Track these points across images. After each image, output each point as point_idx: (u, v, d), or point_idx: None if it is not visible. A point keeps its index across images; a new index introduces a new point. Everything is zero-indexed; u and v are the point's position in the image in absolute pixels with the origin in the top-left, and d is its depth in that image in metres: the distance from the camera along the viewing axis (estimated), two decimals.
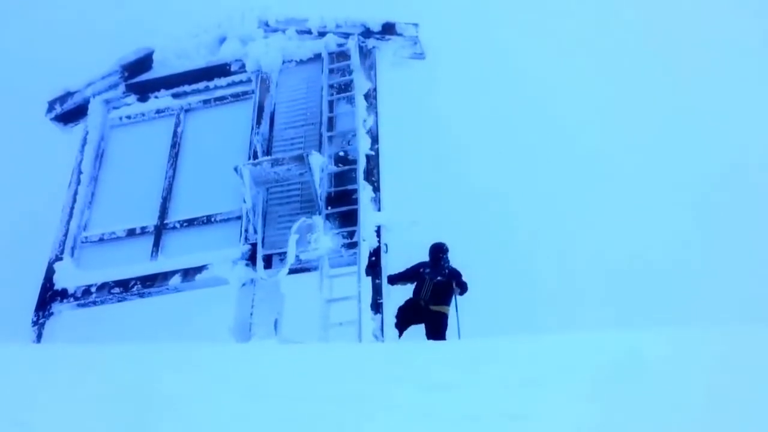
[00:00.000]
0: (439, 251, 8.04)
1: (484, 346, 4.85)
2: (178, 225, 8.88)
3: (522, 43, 27.43)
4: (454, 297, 7.93)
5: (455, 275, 7.96)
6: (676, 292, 20.49)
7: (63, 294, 8.72)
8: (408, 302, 7.92)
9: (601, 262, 22.59)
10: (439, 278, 7.86)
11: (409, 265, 8.16)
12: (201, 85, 9.81)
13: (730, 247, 22.33)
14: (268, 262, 8.12)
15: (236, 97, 9.73)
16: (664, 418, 2.98)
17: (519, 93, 26.35)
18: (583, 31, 27.56)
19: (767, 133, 24.12)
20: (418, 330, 7.89)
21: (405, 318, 7.85)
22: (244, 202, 8.30)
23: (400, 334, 7.81)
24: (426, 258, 8.14)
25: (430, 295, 7.82)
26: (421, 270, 8.01)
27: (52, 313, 8.67)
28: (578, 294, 21.51)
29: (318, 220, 8.02)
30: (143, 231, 8.96)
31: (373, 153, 8.52)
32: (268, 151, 8.83)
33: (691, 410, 3.06)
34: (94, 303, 8.66)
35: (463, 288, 7.94)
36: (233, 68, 9.72)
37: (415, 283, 7.98)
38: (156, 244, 8.80)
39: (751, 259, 21.26)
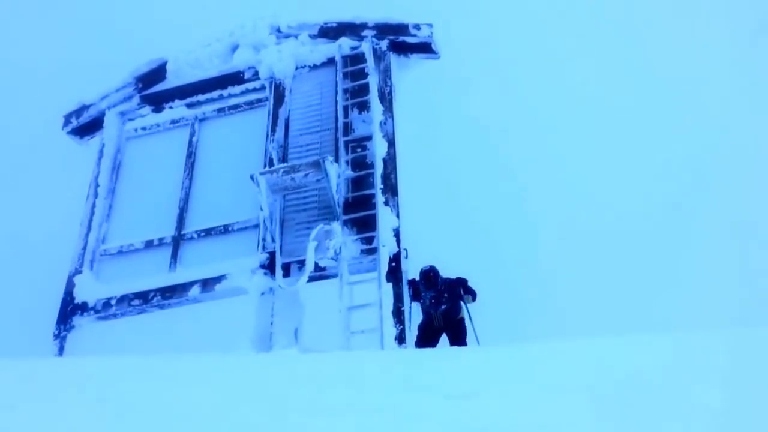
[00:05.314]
0: (428, 277, 7.57)
1: (505, 352, 4.75)
2: (195, 235, 8.86)
3: (537, 43, 27.27)
4: (464, 303, 7.74)
5: (457, 285, 7.69)
6: (677, 294, 20.43)
7: (83, 307, 8.73)
8: (424, 323, 7.75)
9: (613, 265, 22.48)
10: (443, 307, 7.65)
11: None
12: (215, 94, 9.81)
13: (728, 249, 22.20)
14: (286, 271, 8.05)
15: (250, 104, 9.71)
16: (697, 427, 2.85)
17: (529, 93, 26.21)
18: (596, 29, 27.38)
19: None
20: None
21: (426, 338, 7.68)
22: (261, 210, 8.24)
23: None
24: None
25: (443, 322, 7.67)
26: (422, 300, 7.72)
27: (73, 326, 8.69)
28: (597, 298, 21.34)
29: (336, 227, 7.93)
30: (161, 242, 8.96)
31: (389, 157, 8.42)
32: (283, 159, 8.76)
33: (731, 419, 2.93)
34: (114, 316, 8.67)
35: (472, 295, 7.73)
36: (246, 76, 9.70)
37: (425, 317, 7.76)
38: (174, 255, 8.79)
39: (749, 263, 21.18)
